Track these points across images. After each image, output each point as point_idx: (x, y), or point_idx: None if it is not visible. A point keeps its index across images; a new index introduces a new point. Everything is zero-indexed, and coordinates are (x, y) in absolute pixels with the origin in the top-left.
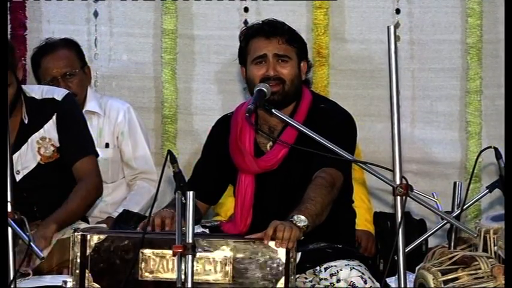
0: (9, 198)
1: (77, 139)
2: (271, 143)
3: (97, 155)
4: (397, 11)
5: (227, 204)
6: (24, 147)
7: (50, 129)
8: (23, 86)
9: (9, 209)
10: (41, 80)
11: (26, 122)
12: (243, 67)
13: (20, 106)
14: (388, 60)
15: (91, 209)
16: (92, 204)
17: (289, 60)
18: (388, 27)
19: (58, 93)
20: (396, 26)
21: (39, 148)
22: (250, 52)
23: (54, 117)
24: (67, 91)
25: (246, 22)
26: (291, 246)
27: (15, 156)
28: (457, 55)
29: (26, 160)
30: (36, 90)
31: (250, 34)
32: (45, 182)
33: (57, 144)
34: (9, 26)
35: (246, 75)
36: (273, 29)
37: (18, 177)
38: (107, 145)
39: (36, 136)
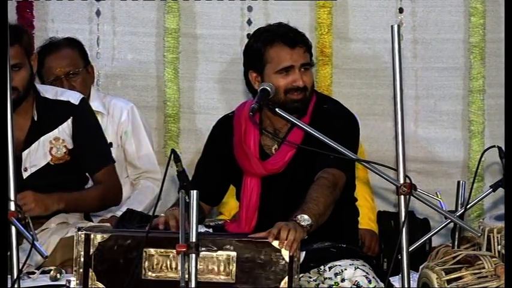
0: (12, 197)
1: (97, 148)
2: (276, 146)
3: (114, 161)
4: (400, 10)
5: (230, 203)
6: (34, 145)
7: (64, 131)
8: (36, 85)
9: (12, 208)
10: (44, 79)
11: (36, 119)
12: (253, 72)
13: (31, 102)
14: (392, 60)
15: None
16: (107, 205)
17: (310, 67)
18: (392, 26)
19: (73, 97)
20: (399, 25)
21: (51, 148)
22: (271, 60)
23: (69, 120)
24: (82, 95)
25: (249, 21)
26: (295, 248)
27: (24, 153)
28: (460, 54)
29: (35, 158)
30: (49, 91)
31: (268, 40)
32: (52, 183)
33: (70, 147)
34: None
35: (263, 81)
36: (296, 37)
37: (25, 175)
38: (110, 144)
39: (49, 136)
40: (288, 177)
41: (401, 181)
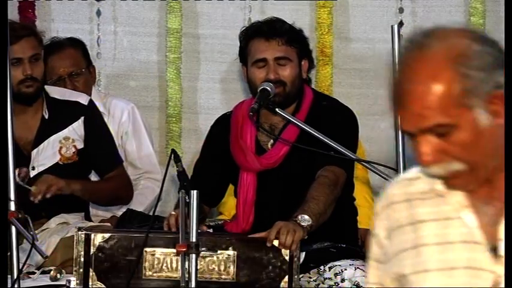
0: (12, 197)
1: (110, 148)
2: (272, 141)
3: (123, 161)
4: (401, 10)
5: (230, 203)
6: (43, 144)
7: (75, 131)
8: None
9: (12, 208)
10: (46, 79)
11: (47, 117)
12: (244, 66)
13: (41, 101)
14: (392, 59)
15: (95, 208)
16: (118, 201)
17: (289, 62)
18: (392, 26)
19: (82, 98)
20: (400, 25)
21: (60, 148)
22: (250, 53)
23: (80, 120)
24: (89, 97)
25: (250, 21)
26: (294, 249)
27: (33, 152)
28: None
29: (44, 157)
30: (56, 91)
31: (249, 34)
32: None
33: (79, 147)
34: None
35: (247, 75)
36: (272, 29)
37: (32, 173)
38: None
39: (59, 135)
40: (284, 172)
41: None
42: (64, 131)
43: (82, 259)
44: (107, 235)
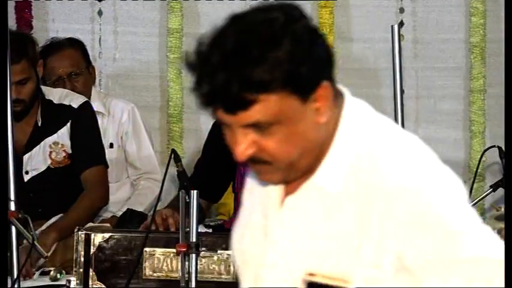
0: (12, 197)
1: (88, 147)
2: None
3: (107, 166)
4: (401, 10)
5: (230, 204)
6: (36, 149)
7: (63, 135)
8: (42, 87)
9: (12, 208)
10: (45, 79)
11: (40, 124)
12: None
13: (36, 107)
14: (392, 59)
15: None
16: (95, 213)
17: None
18: (392, 27)
19: (76, 101)
20: (400, 25)
21: (50, 152)
22: None
23: (68, 124)
24: (85, 99)
25: None
26: None
27: (25, 156)
28: (461, 54)
29: (36, 162)
30: (54, 94)
31: None
32: (53, 186)
33: (69, 151)
34: (15, 26)
35: None
36: None
37: (26, 178)
38: (111, 145)
39: (49, 140)
40: None
41: None
42: (53, 136)
43: (82, 259)
44: (107, 235)
